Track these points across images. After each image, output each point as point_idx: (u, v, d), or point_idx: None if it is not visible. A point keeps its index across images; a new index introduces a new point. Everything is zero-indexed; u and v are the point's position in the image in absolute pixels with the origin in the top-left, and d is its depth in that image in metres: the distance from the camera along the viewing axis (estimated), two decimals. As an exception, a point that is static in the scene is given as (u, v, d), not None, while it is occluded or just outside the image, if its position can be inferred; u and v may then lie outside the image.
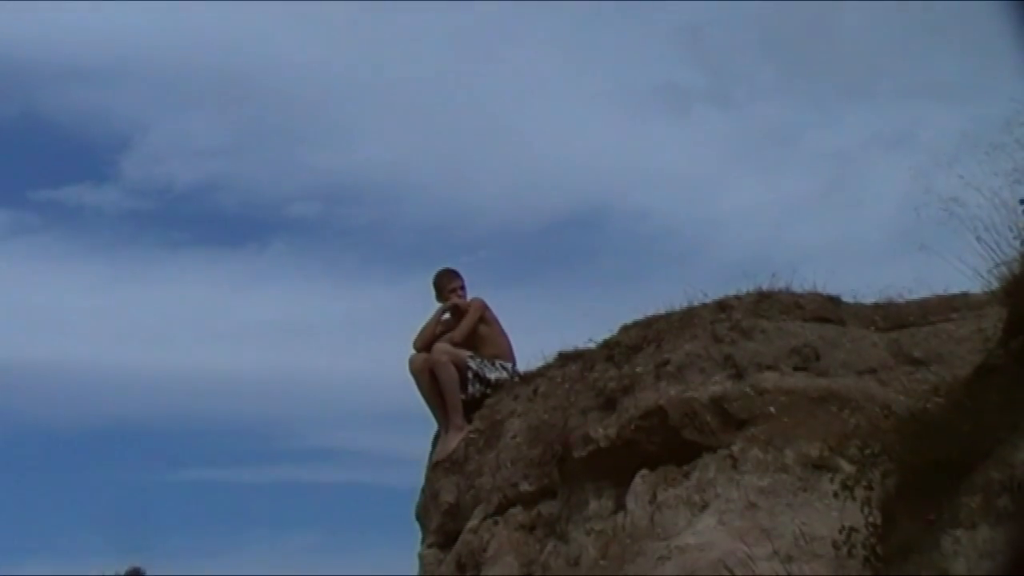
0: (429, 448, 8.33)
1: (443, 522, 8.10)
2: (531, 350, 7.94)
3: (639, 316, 7.11)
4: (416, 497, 8.35)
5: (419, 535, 8.34)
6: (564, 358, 7.75)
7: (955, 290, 6.55)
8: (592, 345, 7.47)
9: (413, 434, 8.22)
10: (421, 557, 8.12)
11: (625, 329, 7.31)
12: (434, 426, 8.27)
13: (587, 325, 7.39)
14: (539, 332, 8.12)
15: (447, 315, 8.26)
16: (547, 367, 7.94)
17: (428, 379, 8.06)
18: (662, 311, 7.01)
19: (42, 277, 17.59)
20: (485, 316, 8.22)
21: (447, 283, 8.27)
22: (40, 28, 17.75)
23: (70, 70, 18.28)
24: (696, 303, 6.99)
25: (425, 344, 8.08)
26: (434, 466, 8.19)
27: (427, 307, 8.24)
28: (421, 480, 8.34)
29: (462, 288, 8.30)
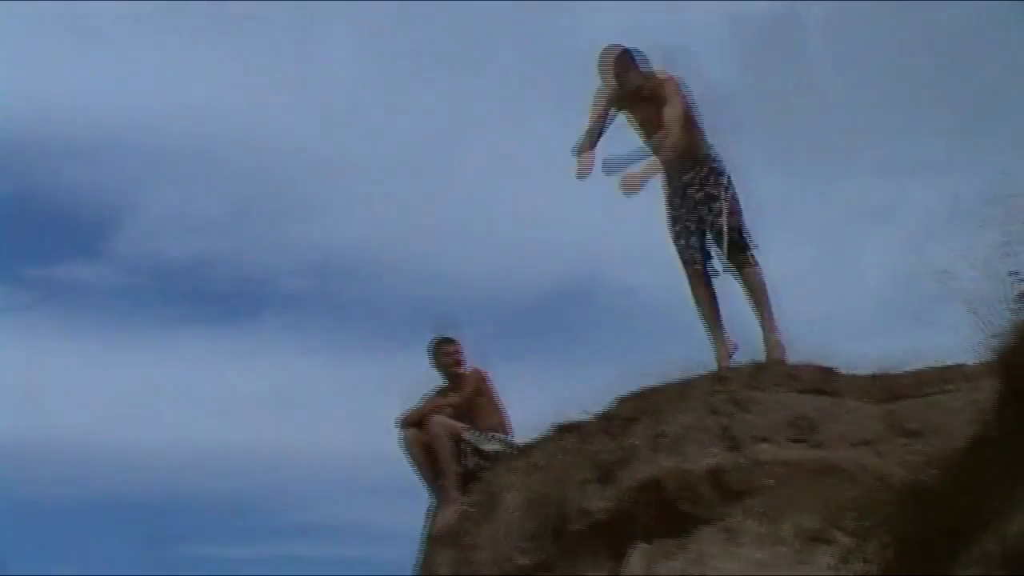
0: (424, 522, 8.36)
1: (440, 597, 8.13)
2: (526, 423, 7.99)
3: (634, 389, 7.22)
4: (411, 571, 8.36)
5: (415, 610, 8.35)
6: (561, 430, 7.82)
7: (949, 361, 6.68)
8: (588, 417, 7.56)
9: (406, 508, 8.22)
10: (417, 633, 8.16)
11: (621, 401, 7.42)
12: (429, 499, 8.31)
13: (580, 398, 7.44)
14: (533, 405, 8.21)
15: (444, 384, 8.33)
16: (544, 439, 8.02)
17: (423, 452, 8.09)
18: (657, 384, 7.11)
19: (34, 354, 17.66)
20: (482, 388, 8.27)
21: (443, 351, 8.33)
22: (33, 104, 18.02)
23: (62, 147, 18.57)
24: (691, 376, 7.12)
25: (420, 416, 8.11)
26: (431, 540, 8.21)
27: (419, 380, 8.26)
28: (415, 554, 8.36)
29: (459, 356, 8.36)
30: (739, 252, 7.44)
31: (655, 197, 7.54)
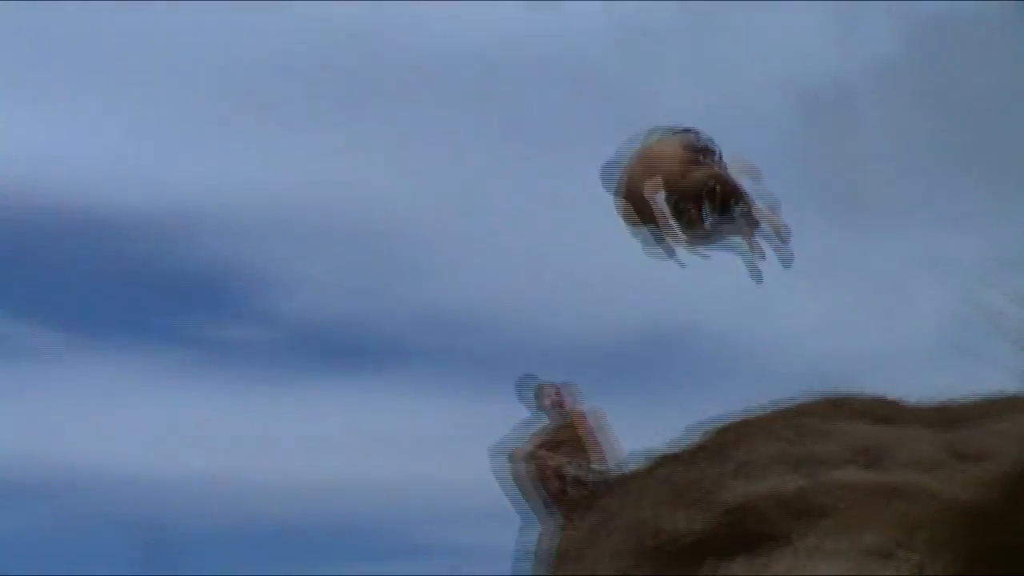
0: (534, 547, 8.73)
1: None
2: (623, 455, 8.58)
3: (719, 424, 7.68)
4: None
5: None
6: (654, 462, 8.27)
7: (1002, 393, 7.05)
8: (679, 450, 7.99)
9: (506, 531, 8.93)
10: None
11: (708, 435, 7.81)
12: (537, 525, 8.74)
13: (671, 433, 7.99)
14: (628, 439, 8.76)
15: (548, 423, 8.93)
16: (639, 470, 8.32)
17: (530, 483, 8.72)
18: (740, 419, 7.62)
19: (202, 402, 19.47)
20: (582, 424, 8.87)
21: (547, 393, 8.96)
22: (178, 182, 19.85)
23: (222, 225, 20.53)
24: (770, 411, 7.59)
25: (528, 451, 8.75)
26: (538, 562, 8.78)
27: (526, 419, 8.89)
28: (511, 571, 8.76)
29: (561, 397, 8.97)
30: None
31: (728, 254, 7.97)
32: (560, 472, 8.63)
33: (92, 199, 20.63)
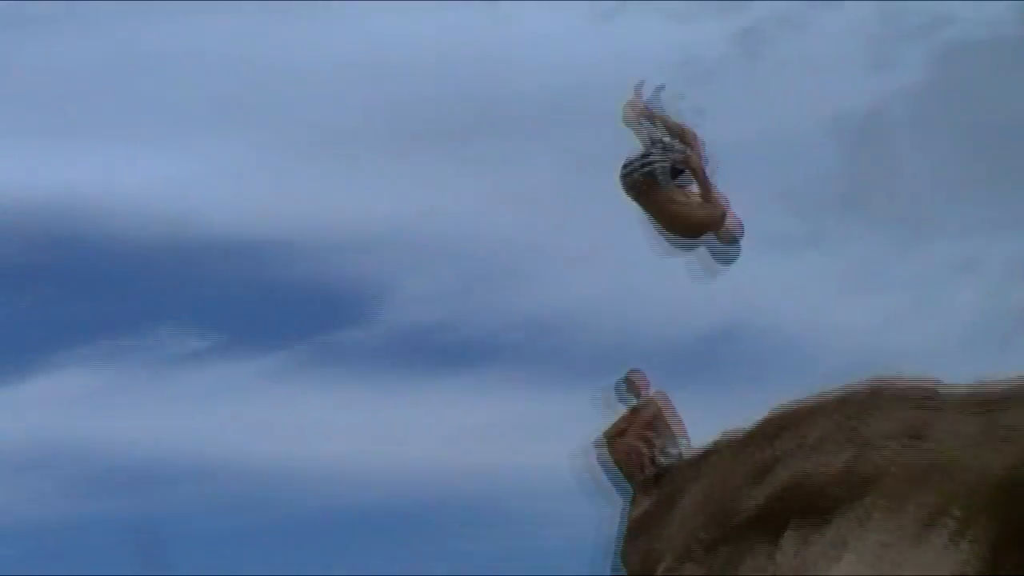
0: (619, 519, 9.57)
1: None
2: (696, 437, 9.27)
3: (778, 407, 8.27)
4: (606, 557, 9.65)
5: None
6: (724, 442, 8.96)
7: None
8: (744, 431, 8.64)
9: (593, 507, 9.93)
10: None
11: (769, 418, 8.41)
12: (622, 501, 9.56)
13: (737, 417, 8.74)
14: (700, 422, 9.51)
15: (632, 405, 9.72)
16: (711, 449, 9.00)
17: (616, 464, 9.54)
18: (796, 404, 8.24)
19: (320, 399, 22.64)
20: (660, 409, 9.64)
21: (629, 381, 9.75)
22: (308, 211, 23.52)
23: (341, 243, 24.52)
24: (822, 396, 8.06)
25: (614, 435, 9.56)
26: (625, 532, 9.42)
27: (611, 407, 9.74)
28: (604, 542, 9.63)
29: (642, 385, 9.77)
30: None
31: (779, 261, 8.52)
32: (642, 451, 9.39)
33: (237, 227, 24.15)
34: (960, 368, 8.03)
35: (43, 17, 23.06)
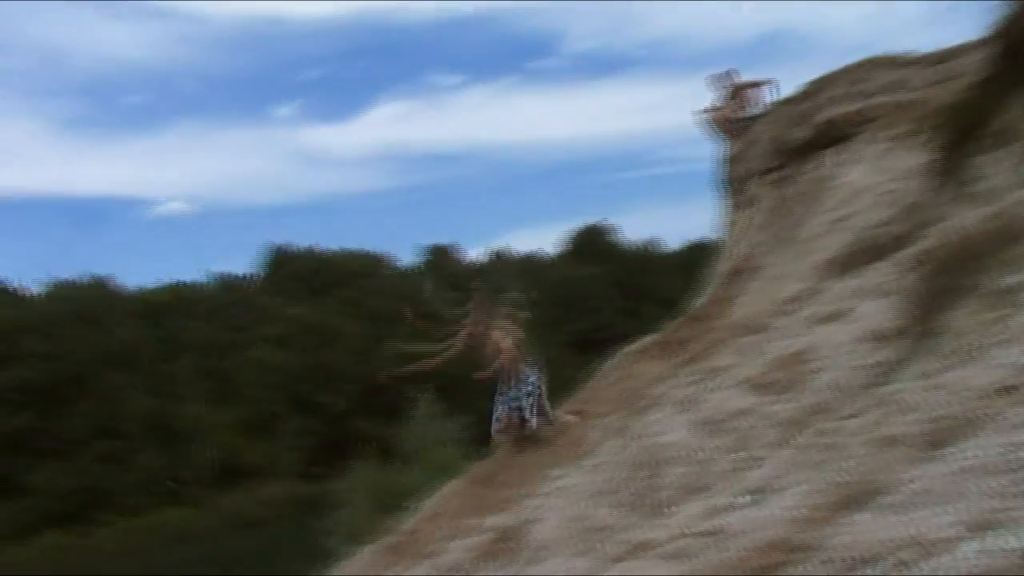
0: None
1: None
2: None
3: (814, 80, 11.89)
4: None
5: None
6: (779, 103, 12.46)
7: None
8: (794, 94, 12.16)
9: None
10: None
11: (807, 88, 11.82)
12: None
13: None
14: None
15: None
16: (770, 108, 12.46)
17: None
18: (825, 76, 11.90)
19: None
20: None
21: None
22: None
23: None
24: (842, 68, 11.72)
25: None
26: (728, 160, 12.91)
27: None
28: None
29: None
30: None
31: None
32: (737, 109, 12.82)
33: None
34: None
35: None
